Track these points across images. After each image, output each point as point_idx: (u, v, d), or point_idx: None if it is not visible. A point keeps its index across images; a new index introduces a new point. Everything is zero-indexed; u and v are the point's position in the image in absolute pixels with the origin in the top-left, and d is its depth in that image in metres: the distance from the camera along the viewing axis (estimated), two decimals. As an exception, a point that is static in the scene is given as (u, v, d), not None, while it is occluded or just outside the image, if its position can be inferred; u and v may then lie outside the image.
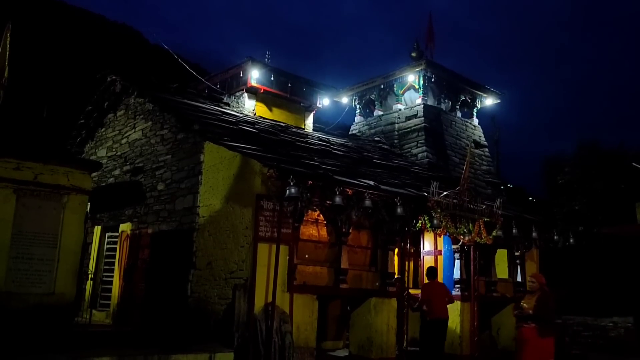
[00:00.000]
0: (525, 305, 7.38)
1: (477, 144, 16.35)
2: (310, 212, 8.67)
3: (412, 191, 9.72)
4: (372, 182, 8.99)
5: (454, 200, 9.61)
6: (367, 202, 8.43)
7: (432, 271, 10.07)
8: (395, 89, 16.70)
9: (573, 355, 12.42)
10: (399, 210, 8.80)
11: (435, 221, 9.27)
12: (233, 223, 8.55)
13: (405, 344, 9.56)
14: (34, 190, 6.99)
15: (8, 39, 7.96)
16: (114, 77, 12.29)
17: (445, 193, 9.53)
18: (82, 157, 12.58)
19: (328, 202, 8.26)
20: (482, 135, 17.26)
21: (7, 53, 7.90)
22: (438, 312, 9.48)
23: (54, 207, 7.12)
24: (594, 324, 14.63)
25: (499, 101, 17.85)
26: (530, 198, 28.80)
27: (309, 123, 14.32)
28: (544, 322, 7.20)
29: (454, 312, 10.77)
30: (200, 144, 9.63)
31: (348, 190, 8.35)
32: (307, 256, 8.79)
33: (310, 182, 7.90)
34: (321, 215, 8.96)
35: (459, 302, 10.68)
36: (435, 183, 9.45)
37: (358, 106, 17.81)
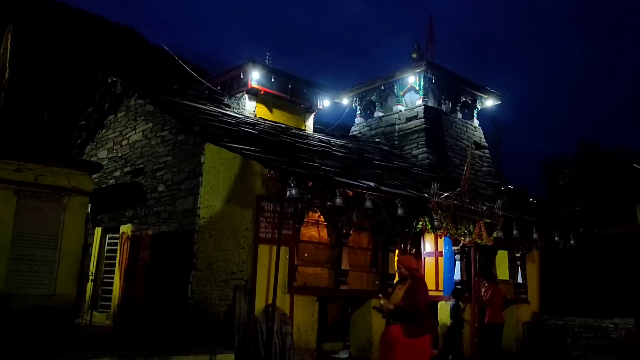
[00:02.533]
0: (382, 302, 5.93)
1: (478, 145, 16.34)
2: (310, 213, 8.68)
3: (413, 192, 9.72)
4: (372, 184, 8.99)
5: (455, 202, 9.61)
6: (368, 204, 8.43)
7: (493, 276, 10.70)
8: (395, 90, 16.70)
9: (574, 357, 12.41)
10: (399, 211, 8.79)
11: (435, 222, 9.27)
12: (233, 224, 8.55)
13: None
14: (34, 192, 6.99)
15: (9, 40, 7.97)
16: (114, 79, 12.31)
17: (445, 194, 9.52)
18: (82, 159, 12.60)
19: (328, 203, 8.26)
20: (483, 136, 17.25)
21: (8, 54, 7.91)
22: (497, 317, 10.24)
23: (54, 209, 7.12)
24: (595, 325, 14.64)
25: (499, 102, 17.84)
26: (531, 199, 28.80)
27: (309, 124, 14.33)
28: (413, 318, 5.62)
29: (455, 314, 10.75)
30: (201, 145, 9.64)
31: (348, 191, 8.35)
32: (306, 255, 8.78)
33: (310, 183, 7.90)
34: (322, 217, 8.96)
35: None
36: (435, 184, 9.44)
37: (358, 107, 17.80)
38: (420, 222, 9.35)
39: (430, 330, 5.96)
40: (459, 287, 10.75)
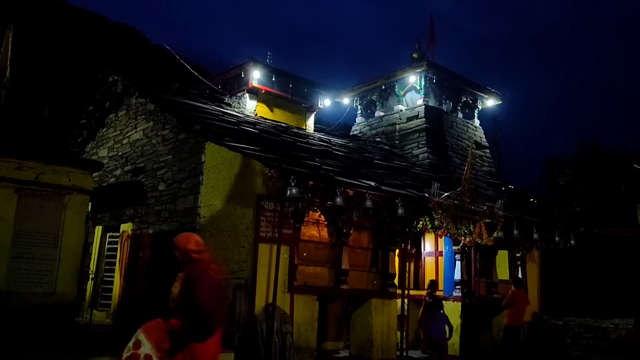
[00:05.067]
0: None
1: (478, 145, 16.33)
2: (311, 212, 8.68)
3: (413, 192, 9.72)
4: (373, 183, 8.99)
5: (455, 201, 9.61)
6: (368, 203, 8.43)
7: (519, 280, 10.83)
8: (396, 89, 16.69)
9: (574, 357, 12.41)
10: (400, 211, 8.79)
11: (436, 222, 9.27)
12: (234, 223, 8.55)
13: (405, 345, 9.54)
14: (35, 190, 7.01)
15: (10, 39, 7.98)
16: (115, 78, 12.31)
17: (446, 194, 9.52)
18: (83, 157, 12.60)
19: (329, 202, 8.26)
20: (483, 136, 17.24)
21: (9, 53, 7.92)
22: (517, 320, 10.31)
23: (55, 207, 7.14)
24: (595, 326, 14.64)
25: (500, 102, 17.82)
26: (531, 199, 28.81)
27: (310, 124, 14.32)
28: (199, 325, 4.20)
29: (454, 314, 10.76)
30: (202, 144, 9.64)
31: (349, 191, 8.35)
32: (306, 254, 8.78)
33: (311, 182, 7.90)
34: (322, 216, 8.96)
35: (459, 304, 10.68)
36: (436, 184, 9.45)
37: (359, 107, 17.80)
38: (421, 222, 9.35)
39: (221, 324, 4.45)
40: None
